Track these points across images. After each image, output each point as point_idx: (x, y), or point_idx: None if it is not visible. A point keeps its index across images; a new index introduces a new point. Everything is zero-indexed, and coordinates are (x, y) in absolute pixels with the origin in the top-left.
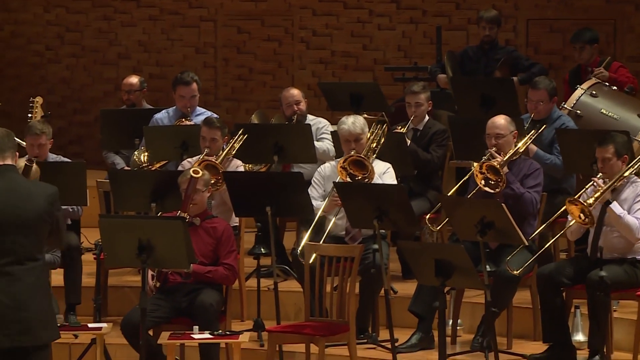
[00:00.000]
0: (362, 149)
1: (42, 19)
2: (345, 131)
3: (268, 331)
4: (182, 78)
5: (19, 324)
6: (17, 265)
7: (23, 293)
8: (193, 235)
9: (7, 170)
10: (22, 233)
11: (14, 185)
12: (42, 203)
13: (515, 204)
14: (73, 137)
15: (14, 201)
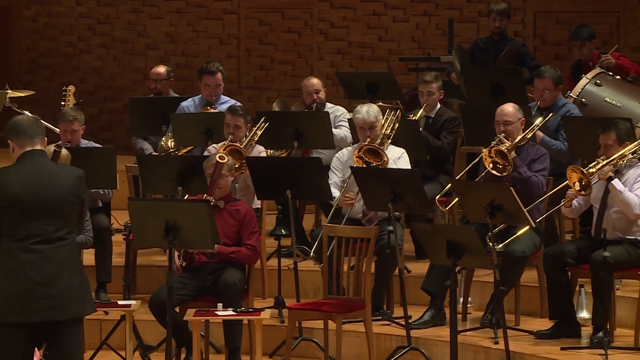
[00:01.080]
0: (377, 136)
1: (75, 12)
2: (360, 119)
3: (288, 308)
4: (207, 68)
5: (49, 299)
6: (46, 244)
7: (52, 270)
8: (217, 218)
9: (35, 155)
10: (50, 214)
11: (42, 169)
12: (69, 185)
13: (523, 187)
14: (104, 124)
15: (42, 184)
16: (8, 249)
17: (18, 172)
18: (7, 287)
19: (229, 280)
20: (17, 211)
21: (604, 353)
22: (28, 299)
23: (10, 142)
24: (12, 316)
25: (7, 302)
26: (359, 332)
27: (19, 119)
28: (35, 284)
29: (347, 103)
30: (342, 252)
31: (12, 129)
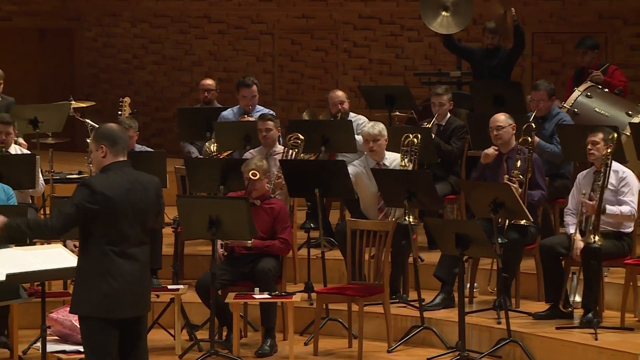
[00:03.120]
0: (381, 149)
1: (130, 33)
2: (365, 133)
3: (316, 292)
4: (245, 81)
5: (138, 297)
6: (135, 248)
7: (140, 271)
8: (254, 214)
9: (126, 165)
10: (137, 220)
11: (134, 179)
12: (153, 195)
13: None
14: (155, 131)
15: (134, 194)
16: (102, 251)
17: (114, 180)
18: (104, 287)
19: (265, 268)
20: (113, 216)
21: (593, 332)
22: (122, 297)
23: (102, 147)
24: (109, 312)
25: (105, 300)
26: (379, 313)
27: (115, 128)
28: (127, 284)
29: (368, 113)
30: (363, 243)
31: (109, 137)
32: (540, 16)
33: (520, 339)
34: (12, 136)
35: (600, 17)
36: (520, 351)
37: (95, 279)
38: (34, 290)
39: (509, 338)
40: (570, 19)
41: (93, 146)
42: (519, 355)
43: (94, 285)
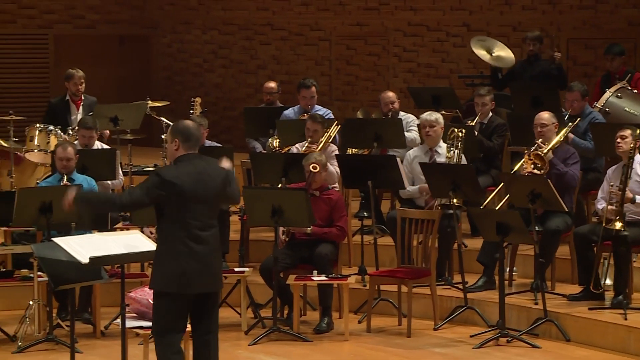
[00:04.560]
0: (436, 135)
1: (201, 39)
2: (423, 119)
3: (369, 275)
4: (304, 83)
5: (209, 276)
6: (204, 231)
7: (209, 253)
8: (314, 204)
9: (197, 157)
10: (207, 206)
11: (203, 170)
12: (220, 183)
13: (560, 180)
14: (223, 128)
15: (203, 183)
16: (174, 233)
17: (185, 170)
18: (176, 266)
19: (323, 253)
20: (184, 202)
21: (623, 312)
22: (192, 275)
23: (176, 141)
24: (181, 289)
25: (176, 278)
26: (426, 294)
27: (190, 125)
28: (197, 264)
29: (416, 112)
30: (412, 230)
31: (183, 133)
32: (574, 24)
33: (555, 319)
34: (94, 139)
35: (630, 24)
36: (556, 329)
37: (168, 259)
38: (114, 272)
39: (545, 317)
40: (602, 26)
41: (169, 138)
42: (555, 333)
43: (167, 264)
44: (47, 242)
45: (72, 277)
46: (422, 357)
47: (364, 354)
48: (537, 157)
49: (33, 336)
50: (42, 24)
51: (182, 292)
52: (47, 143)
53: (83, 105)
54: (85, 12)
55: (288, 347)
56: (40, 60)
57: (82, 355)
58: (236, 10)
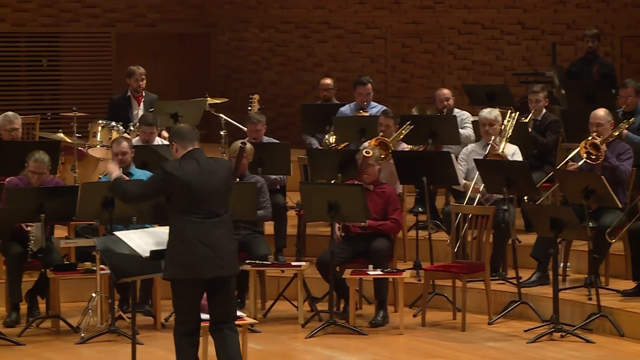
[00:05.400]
0: (495, 133)
1: (259, 37)
2: (483, 118)
3: (424, 270)
4: (360, 80)
5: (218, 260)
6: (210, 219)
7: (216, 239)
8: (368, 198)
9: (197, 153)
10: (212, 196)
11: (204, 163)
12: (224, 174)
13: (612, 174)
14: (280, 124)
15: (206, 174)
16: (183, 222)
17: (188, 166)
18: (183, 252)
19: (378, 247)
20: (189, 194)
21: None
22: (202, 260)
23: (173, 144)
24: (191, 273)
25: (187, 263)
26: (480, 289)
27: (181, 126)
28: (206, 249)
29: (471, 109)
30: (466, 226)
31: (177, 134)
32: (628, 21)
33: (609, 314)
34: (154, 135)
35: None
36: (609, 325)
37: (178, 247)
38: None
39: (599, 313)
40: None
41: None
42: (608, 328)
43: (176, 252)
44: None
45: (134, 270)
46: (476, 351)
47: (418, 348)
48: (593, 147)
49: (95, 327)
50: (104, 23)
51: (193, 277)
52: (109, 139)
53: (144, 101)
54: (146, 11)
55: (344, 340)
56: (103, 58)
57: (143, 346)
58: (293, 9)
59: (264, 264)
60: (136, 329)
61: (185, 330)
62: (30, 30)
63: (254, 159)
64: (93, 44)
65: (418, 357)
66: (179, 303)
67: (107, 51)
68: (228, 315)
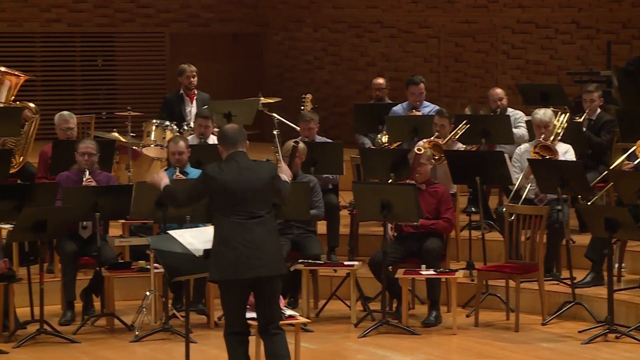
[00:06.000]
0: (550, 134)
1: (312, 37)
2: (538, 120)
3: (477, 270)
4: (413, 79)
5: (260, 260)
6: (250, 219)
7: (256, 239)
8: (421, 198)
9: (238, 155)
10: (253, 197)
11: (245, 165)
12: (265, 176)
13: None
14: (333, 124)
15: (245, 176)
16: (223, 224)
17: (227, 167)
18: (225, 253)
19: (431, 247)
20: (229, 195)
21: None
22: (243, 261)
23: (220, 148)
24: (232, 274)
25: (228, 264)
26: (534, 290)
27: (226, 128)
28: (247, 250)
29: (524, 108)
30: (520, 226)
31: (221, 138)
32: None
33: None
34: (210, 129)
35: None
36: None
37: (221, 249)
38: None
39: None
40: None
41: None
42: None
43: (218, 254)
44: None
45: (187, 269)
46: (530, 351)
47: (472, 348)
48: None
49: (149, 326)
50: (159, 23)
51: (234, 278)
52: (163, 138)
53: (196, 99)
54: (200, 11)
55: (397, 340)
56: (157, 58)
57: (196, 345)
58: (346, 8)
59: (316, 263)
60: (189, 327)
61: (232, 331)
62: (86, 31)
63: (306, 159)
64: (147, 43)
65: (471, 358)
66: (224, 304)
67: (161, 51)
68: (274, 317)
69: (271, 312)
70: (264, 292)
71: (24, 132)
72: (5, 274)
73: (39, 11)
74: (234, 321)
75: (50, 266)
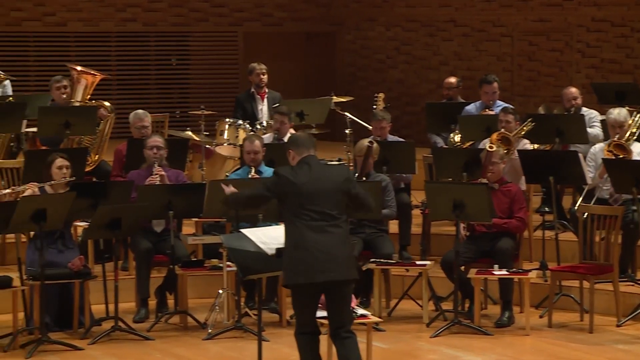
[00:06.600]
0: (625, 134)
1: (384, 36)
2: (612, 119)
3: (551, 270)
4: (486, 78)
5: (331, 264)
6: (323, 222)
7: (328, 242)
8: (493, 197)
9: (312, 158)
10: (326, 201)
11: (317, 168)
12: (338, 179)
13: None
14: (405, 123)
15: (317, 178)
16: (294, 226)
17: (299, 169)
18: (296, 257)
19: (504, 247)
20: (301, 199)
21: None
22: (314, 265)
23: (290, 152)
24: (303, 278)
25: (299, 268)
26: (608, 291)
27: (298, 134)
28: (317, 253)
29: (599, 107)
30: (594, 226)
31: (293, 142)
32: None
33: None
34: (286, 126)
35: None
36: None
37: (292, 252)
38: None
39: None
40: None
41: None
42: None
43: (289, 257)
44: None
45: (260, 268)
46: (604, 353)
47: (545, 349)
48: None
49: (222, 324)
50: (232, 22)
51: (305, 282)
52: (236, 137)
53: (267, 98)
54: (273, 10)
55: (469, 340)
56: (230, 57)
57: (268, 343)
58: (419, 7)
59: (388, 262)
60: (262, 325)
61: (302, 331)
62: (160, 30)
63: (379, 158)
64: (221, 43)
65: (544, 359)
66: (295, 305)
67: (234, 50)
68: (344, 320)
69: (342, 316)
70: (335, 295)
71: (99, 131)
72: (80, 271)
73: (114, 11)
74: (304, 322)
75: (125, 264)
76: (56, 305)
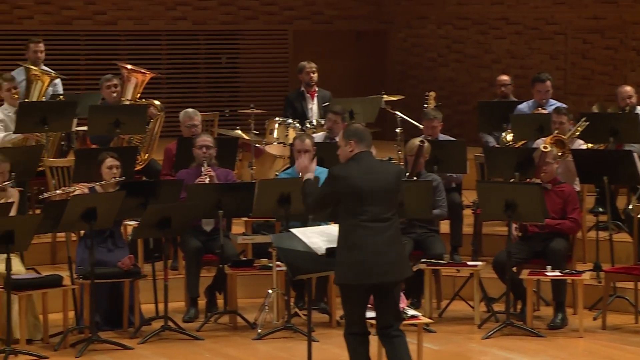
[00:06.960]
0: None
1: (435, 34)
2: None
3: (605, 271)
4: (540, 77)
5: (384, 265)
6: (378, 222)
7: (382, 243)
8: (546, 197)
9: (368, 155)
10: (379, 199)
11: (374, 167)
12: (392, 179)
13: None
14: (456, 122)
15: (374, 177)
16: (349, 226)
17: (354, 167)
18: (350, 257)
19: (556, 248)
20: (357, 197)
21: None
22: (367, 266)
23: (351, 143)
24: (356, 279)
25: (352, 268)
26: None
27: (361, 128)
28: (371, 254)
29: None
30: None
31: (358, 134)
32: None
33: None
34: (339, 125)
35: None
36: None
37: (345, 251)
38: None
39: None
40: None
41: (342, 142)
42: None
43: (344, 256)
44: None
45: (309, 267)
46: None
47: (599, 352)
48: None
49: (272, 324)
50: (282, 20)
51: (359, 282)
52: (286, 136)
53: (317, 96)
54: (323, 9)
55: (521, 342)
56: (280, 55)
57: (318, 344)
58: (471, 5)
59: (439, 263)
60: (312, 326)
61: (352, 331)
62: (210, 28)
63: (430, 157)
64: (271, 41)
65: None
66: (345, 305)
67: (284, 48)
68: (393, 319)
69: (392, 316)
70: (385, 295)
71: (149, 130)
72: (130, 270)
73: (164, 9)
74: (354, 322)
75: (175, 263)
76: (106, 304)
